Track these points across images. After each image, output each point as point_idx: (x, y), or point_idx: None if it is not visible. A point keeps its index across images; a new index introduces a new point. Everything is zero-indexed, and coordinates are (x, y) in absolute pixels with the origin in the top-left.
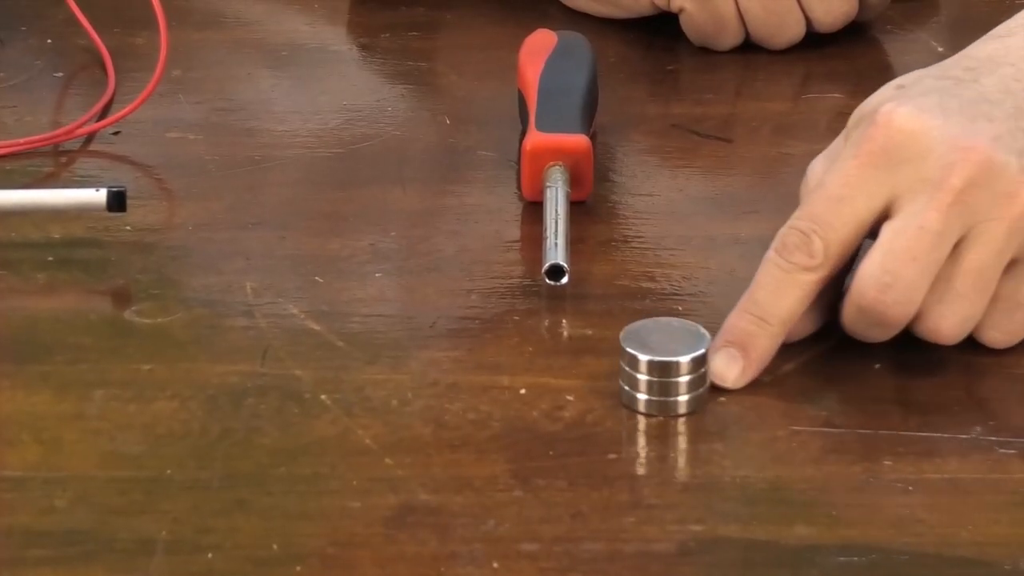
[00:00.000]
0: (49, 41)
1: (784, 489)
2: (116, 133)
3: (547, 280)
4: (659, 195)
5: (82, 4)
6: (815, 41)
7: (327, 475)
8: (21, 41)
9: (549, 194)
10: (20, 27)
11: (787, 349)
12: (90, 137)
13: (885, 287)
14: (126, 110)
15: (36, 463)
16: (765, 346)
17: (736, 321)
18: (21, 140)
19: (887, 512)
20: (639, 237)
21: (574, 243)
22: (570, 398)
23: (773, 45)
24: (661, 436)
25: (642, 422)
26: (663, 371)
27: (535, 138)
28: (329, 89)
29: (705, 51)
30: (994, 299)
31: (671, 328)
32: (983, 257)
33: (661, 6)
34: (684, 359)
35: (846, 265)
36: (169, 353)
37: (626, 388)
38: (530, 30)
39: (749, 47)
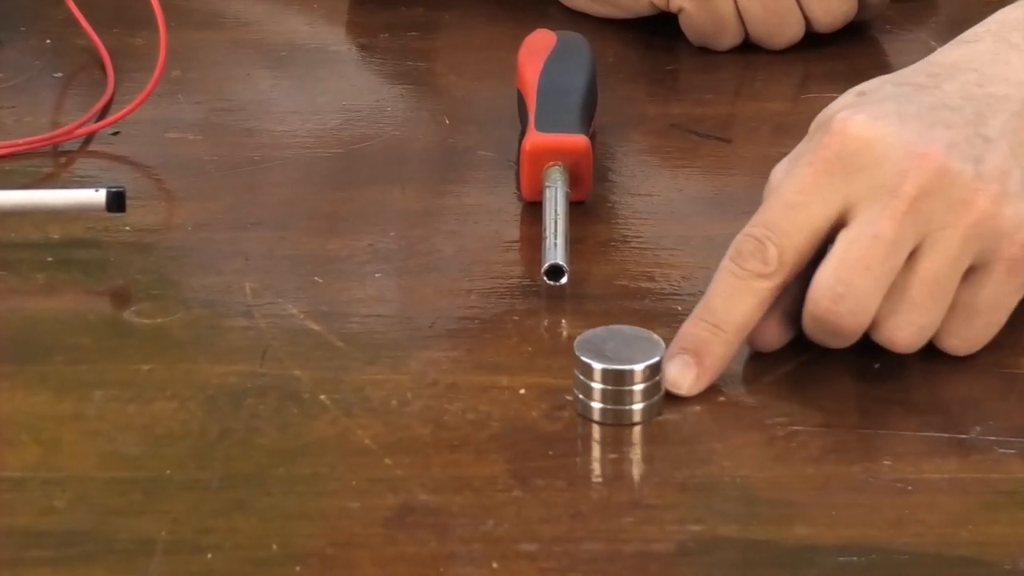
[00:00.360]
0: (48, 41)
1: (783, 489)
2: (115, 133)
3: (546, 280)
4: (658, 195)
5: (81, 4)
6: (814, 41)
7: (326, 475)
8: (20, 41)
9: (548, 194)
10: (19, 27)
11: (787, 349)
12: (89, 137)
13: (838, 297)
14: (125, 110)
15: (35, 463)
16: (719, 353)
17: (691, 328)
18: (20, 140)
19: (886, 512)
20: (638, 237)
21: (573, 243)
22: (570, 398)
23: (772, 45)
24: (660, 437)
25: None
26: (617, 379)
27: (534, 138)
28: (328, 89)
29: (704, 51)
30: (952, 306)
31: (625, 336)
32: (938, 265)
33: (660, 6)
34: (638, 367)
35: (807, 272)
36: (168, 353)
37: (580, 397)
38: (529, 30)
39: (748, 47)
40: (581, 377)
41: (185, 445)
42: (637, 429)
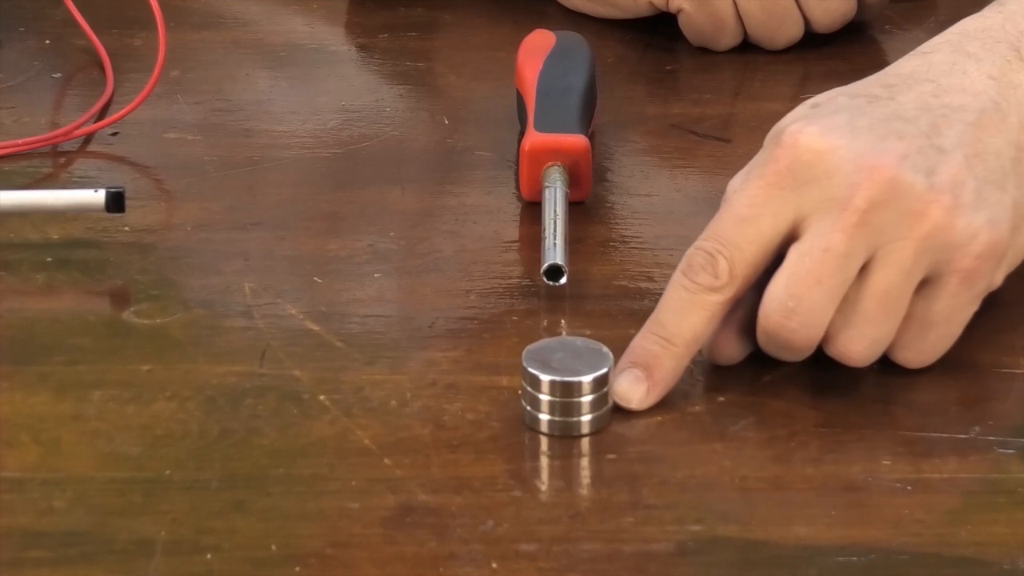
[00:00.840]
0: (47, 42)
1: (783, 489)
2: (114, 134)
3: (546, 280)
4: (658, 195)
5: (80, 5)
6: (813, 41)
7: (326, 476)
8: (19, 42)
9: (548, 194)
10: (18, 28)
11: None
12: (88, 138)
13: (789, 311)
14: (124, 111)
15: (35, 464)
16: (670, 367)
17: (641, 342)
18: (20, 141)
19: (886, 512)
20: (638, 237)
21: (573, 243)
22: None
23: (772, 45)
24: (659, 437)
25: (641, 423)
26: (565, 391)
27: (534, 138)
28: (327, 90)
29: (704, 51)
30: (906, 319)
31: (574, 347)
32: (890, 278)
33: (659, 6)
34: (586, 379)
35: (763, 285)
36: (168, 354)
37: (528, 409)
38: (528, 30)
39: (748, 47)
40: (529, 389)
41: (184, 445)
42: (638, 428)
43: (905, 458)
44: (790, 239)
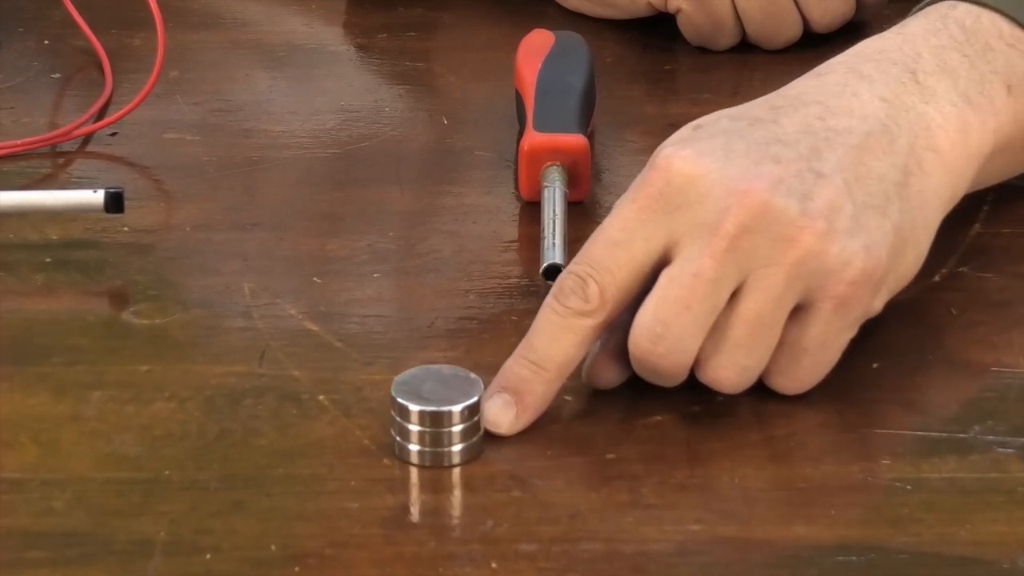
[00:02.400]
0: (46, 42)
1: (782, 489)
2: (114, 134)
3: (545, 280)
4: None
5: (79, 5)
6: (812, 41)
7: (325, 476)
8: (18, 42)
9: (547, 194)
10: (17, 28)
11: None
12: (87, 138)
13: (657, 337)
14: (123, 111)
15: (34, 465)
16: (540, 392)
17: (512, 366)
18: (19, 141)
19: (885, 511)
20: None
21: (572, 243)
22: (568, 398)
23: (770, 45)
24: (658, 437)
25: (641, 422)
26: (435, 421)
27: (533, 138)
28: (326, 90)
29: (702, 51)
30: (780, 345)
31: (443, 376)
32: (760, 304)
33: (658, 7)
34: (456, 408)
35: (635, 309)
36: (167, 354)
37: (398, 439)
38: (527, 30)
39: (746, 47)
40: (398, 419)
41: (184, 446)
42: (639, 427)
43: (905, 457)
44: (663, 263)
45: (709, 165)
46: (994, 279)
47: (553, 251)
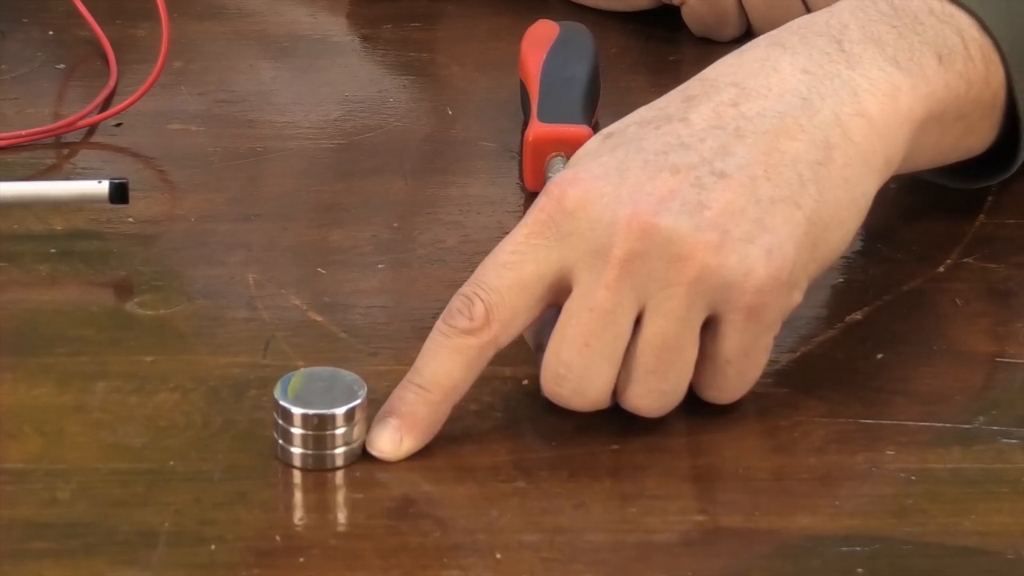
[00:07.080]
0: (51, 33)
1: (786, 479)
2: (118, 125)
3: None
4: None
5: None
6: None
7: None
8: (23, 33)
9: None
10: (22, 19)
11: (789, 340)
12: (92, 129)
13: (560, 379)
14: (128, 102)
15: (38, 455)
16: (424, 415)
17: (399, 391)
18: (23, 132)
19: (889, 502)
20: None
21: None
22: None
23: None
24: (661, 428)
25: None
26: (319, 424)
27: (537, 129)
28: (330, 80)
29: (706, 42)
30: (703, 359)
31: (325, 378)
32: (665, 328)
33: None
34: (339, 411)
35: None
36: (171, 345)
37: (280, 442)
38: (531, 21)
39: (750, 38)
40: (281, 422)
41: (188, 436)
42: (643, 418)
43: (908, 448)
44: (561, 289)
45: (602, 188)
46: (999, 270)
47: None
